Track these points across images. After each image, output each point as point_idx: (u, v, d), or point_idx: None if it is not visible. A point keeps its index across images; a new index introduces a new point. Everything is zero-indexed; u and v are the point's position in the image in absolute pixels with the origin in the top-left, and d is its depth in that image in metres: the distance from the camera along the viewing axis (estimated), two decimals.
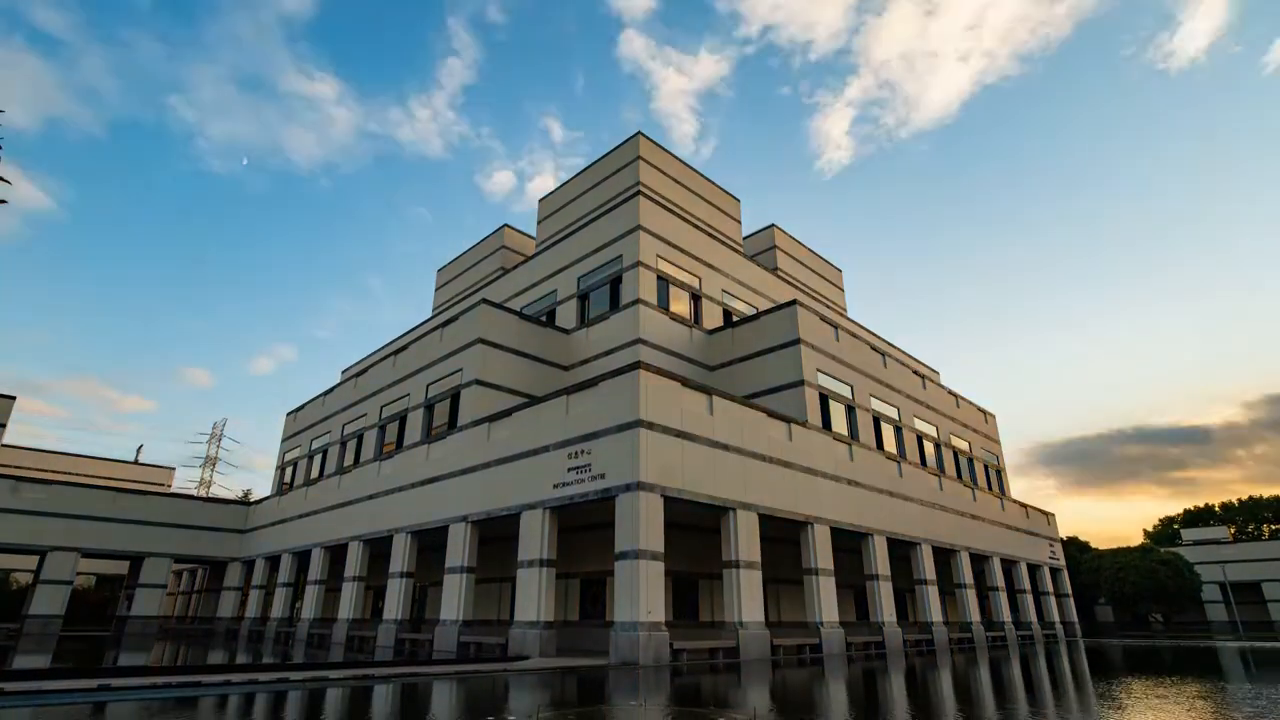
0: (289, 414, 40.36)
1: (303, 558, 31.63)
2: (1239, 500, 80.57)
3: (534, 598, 17.84)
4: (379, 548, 26.41)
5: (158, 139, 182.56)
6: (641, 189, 29.20)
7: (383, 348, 41.69)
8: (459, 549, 21.03)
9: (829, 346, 26.48)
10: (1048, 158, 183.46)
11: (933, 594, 26.18)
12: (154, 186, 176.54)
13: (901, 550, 26.84)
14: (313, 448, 35.79)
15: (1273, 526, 76.70)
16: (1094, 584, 55.71)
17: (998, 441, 40.24)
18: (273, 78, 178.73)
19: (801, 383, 24.19)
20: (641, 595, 15.56)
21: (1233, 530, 74.13)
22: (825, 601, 20.82)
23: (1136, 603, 53.28)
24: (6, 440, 42.49)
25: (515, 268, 34.41)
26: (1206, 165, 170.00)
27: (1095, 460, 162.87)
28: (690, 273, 28.46)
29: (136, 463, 61.24)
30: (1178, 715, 8.58)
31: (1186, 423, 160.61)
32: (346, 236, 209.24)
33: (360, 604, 26.53)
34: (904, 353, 42.43)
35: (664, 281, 27.01)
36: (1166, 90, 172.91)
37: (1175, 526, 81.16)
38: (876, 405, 28.36)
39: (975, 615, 28.32)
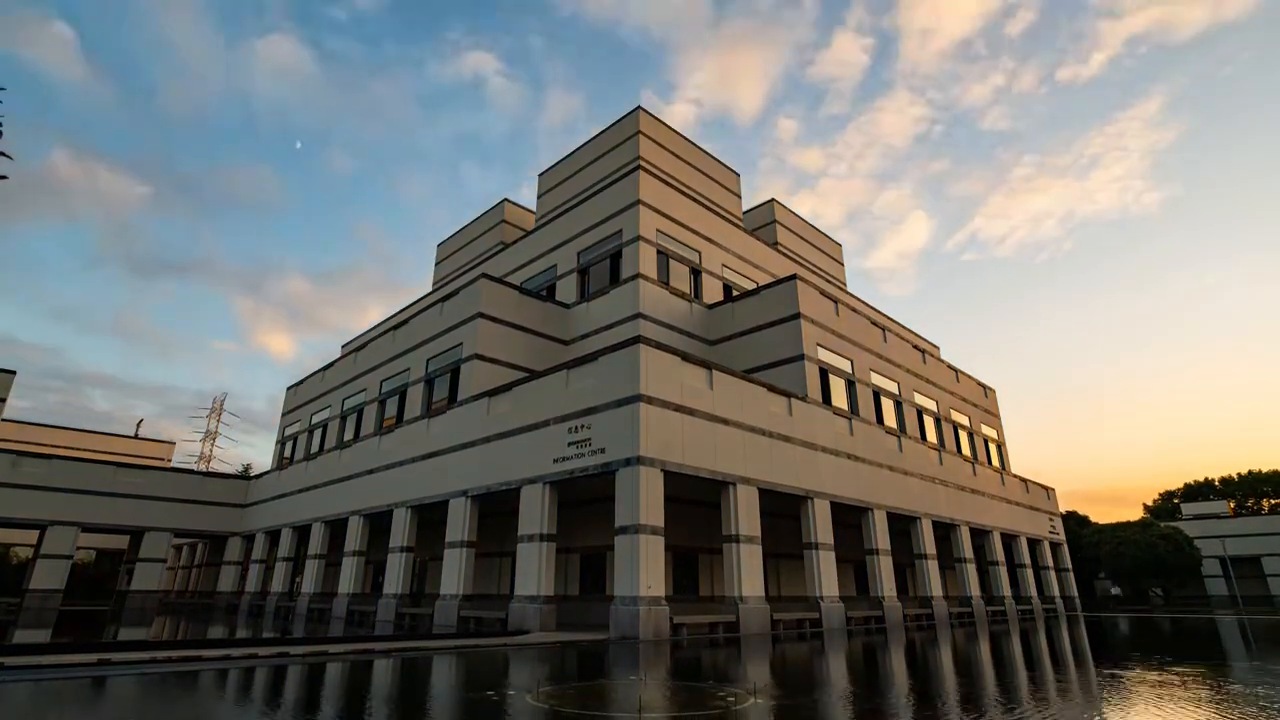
0: (289, 388, 40.34)
1: (303, 532, 31.72)
2: (1239, 475, 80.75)
3: (534, 572, 17.86)
4: (379, 522, 26.46)
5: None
6: (642, 163, 28.80)
7: (383, 322, 41.54)
8: (459, 524, 21.04)
9: (829, 321, 26.27)
10: None
11: (933, 569, 26.25)
12: None
13: (901, 525, 26.87)
14: (313, 422, 35.77)
15: (1272, 501, 76.99)
16: (1094, 559, 56.02)
17: (998, 416, 40.19)
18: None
19: (802, 357, 24.03)
20: (641, 570, 15.54)
21: (1232, 505, 74.39)
22: (825, 576, 20.86)
23: (1137, 577, 53.57)
24: (6, 415, 42.47)
25: (515, 242, 34.08)
26: None
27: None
28: (690, 247, 28.16)
29: (136, 437, 61.37)
30: (1169, 685, 8.53)
31: None
32: None
33: (360, 579, 26.63)
34: (904, 327, 42.22)
35: (664, 256, 26.73)
36: None
37: (1175, 501, 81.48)
38: (876, 380, 28.22)
39: (975, 590, 28.43)
